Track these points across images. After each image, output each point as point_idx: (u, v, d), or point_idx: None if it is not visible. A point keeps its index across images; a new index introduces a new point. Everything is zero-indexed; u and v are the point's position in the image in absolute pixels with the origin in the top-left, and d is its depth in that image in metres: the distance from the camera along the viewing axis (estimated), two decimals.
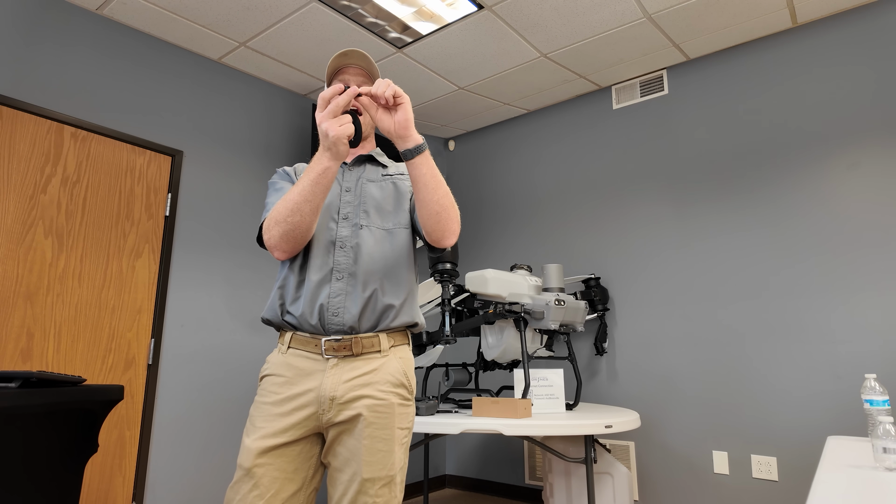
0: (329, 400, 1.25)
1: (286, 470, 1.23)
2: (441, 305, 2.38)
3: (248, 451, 1.23)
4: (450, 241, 1.32)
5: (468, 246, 4.13)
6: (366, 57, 1.40)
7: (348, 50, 1.39)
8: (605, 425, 2.15)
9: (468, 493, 3.73)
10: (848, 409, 2.54)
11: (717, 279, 2.97)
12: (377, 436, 1.24)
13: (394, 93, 1.18)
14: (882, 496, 1.00)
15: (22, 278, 2.28)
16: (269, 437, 1.23)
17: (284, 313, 1.31)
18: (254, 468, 1.21)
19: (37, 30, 2.44)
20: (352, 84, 1.40)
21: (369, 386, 1.26)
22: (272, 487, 1.21)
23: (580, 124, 3.67)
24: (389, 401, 1.28)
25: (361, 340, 1.29)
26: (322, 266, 1.31)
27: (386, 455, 1.24)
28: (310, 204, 1.23)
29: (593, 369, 3.33)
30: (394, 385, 1.30)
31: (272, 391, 1.27)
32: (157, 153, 2.78)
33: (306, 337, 1.29)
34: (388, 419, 1.27)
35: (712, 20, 2.85)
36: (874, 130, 2.65)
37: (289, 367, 1.28)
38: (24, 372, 1.43)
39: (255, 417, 1.26)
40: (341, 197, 1.39)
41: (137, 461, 2.52)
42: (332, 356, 1.27)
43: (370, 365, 1.29)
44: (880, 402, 1.36)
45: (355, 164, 1.46)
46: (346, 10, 2.68)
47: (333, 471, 1.26)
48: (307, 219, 1.24)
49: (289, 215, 1.24)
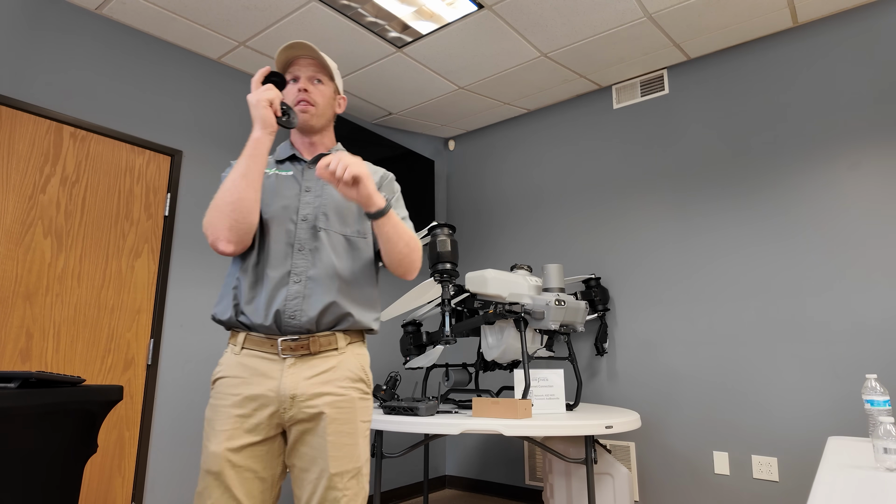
0: (290, 398, 1.24)
1: (255, 469, 1.23)
2: (441, 305, 2.38)
3: (214, 455, 1.21)
4: (411, 277, 1.39)
5: (468, 246, 4.13)
6: (313, 48, 1.38)
7: (295, 42, 1.36)
8: (605, 426, 2.15)
9: (468, 494, 3.73)
10: (848, 409, 2.53)
11: (718, 279, 2.97)
12: (342, 430, 1.25)
13: (351, 175, 1.17)
14: (883, 496, 1.00)
15: (21, 278, 2.28)
16: (235, 439, 1.22)
17: (239, 314, 1.29)
18: (223, 472, 1.20)
19: (36, 29, 2.43)
20: (302, 76, 1.39)
21: (329, 383, 1.27)
22: (243, 488, 1.21)
23: (580, 124, 3.67)
24: (350, 395, 1.29)
25: (319, 339, 1.28)
26: (279, 267, 1.30)
27: (352, 448, 1.26)
28: (246, 179, 1.23)
29: (593, 369, 3.33)
30: (353, 380, 1.31)
31: (229, 393, 1.26)
32: (157, 153, 2.78)
33: (261, 337, 1.28)
34: (350, 413, 1.28)
35: (713, 20, 2.85)
36: (875, 130, 2.65)
37: (244, 367, 1.27)
38: (24, 372, 1.42)
39: (215, 421, 1.24)
40: (301, 197, 1.36)
41: (137, 461, 2.52)
42: (289, 356, 1.27)
43: (328, 363, 1.29)
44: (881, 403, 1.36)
45: (315, 161, 1.42)
46: (345, 10, 2.67)
47: (299, 471, 1.25)
48: (245, 194, 1.23)
49: (226, 195, 1.23)
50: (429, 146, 4.35)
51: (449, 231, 2.38)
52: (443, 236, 2.33)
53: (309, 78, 1.39)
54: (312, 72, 1.40)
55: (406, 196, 3.87)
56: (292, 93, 1.39)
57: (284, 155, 1.43)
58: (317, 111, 1.39)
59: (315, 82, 1.40)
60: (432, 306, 2.84)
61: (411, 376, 3.87)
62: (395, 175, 3.82)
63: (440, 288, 2.56)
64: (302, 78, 1.39)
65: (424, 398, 2.42)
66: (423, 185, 4.04)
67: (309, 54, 1.39)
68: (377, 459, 2.31)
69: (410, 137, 4.22)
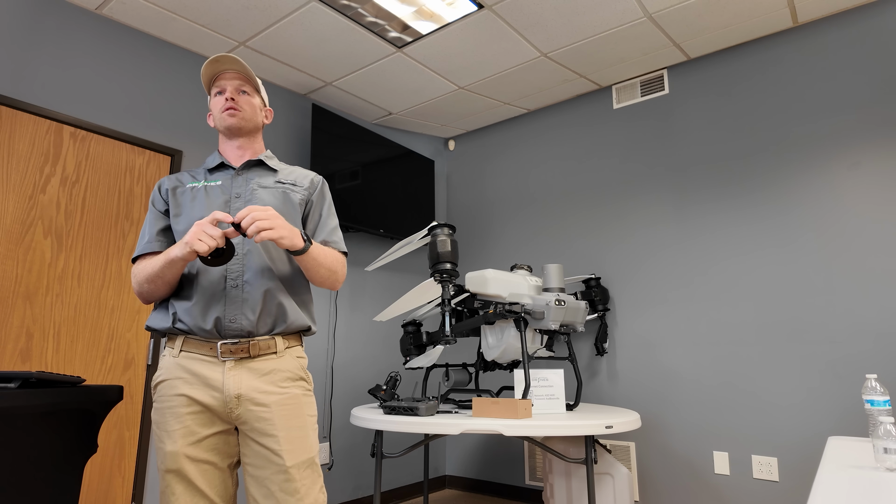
0: (235, 398, 1.28)
1: (213, 461, 1.28)
2: (441, 305, 2.38)
3: (172, 455, 1.25)
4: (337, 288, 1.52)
5: (468, 246, 4.13)
6: (239, 61, 1.41)
7: (220, 56, 1.39)
8: (605, 426, 2.15)
9: (468, 494, 3.73)
10: (849, 409, 2.53)
11: (718, 279, 2.97)
12: (291, 425, 1.30)
13: (258, 231, 1.21)
14: (883, 497, 1.00)
15: (21, 278, 2.28)
16: (189, 436, 1.26)
17: (176, 321, 1.31)
18: (182, 468, 1.24)
19: (36, 29, 2.43)
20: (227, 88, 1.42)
21: (272, 384, 1.31)
22: (203, 479, 1.26)
23: (580, 124, 3.67)
24: (293, 392, 1.34)
25: (259, 343, 1.32)
26: (214, 274, 1.32)
27: (303, 440, 1.31)
28: (162, 280, 1.29)
29: (594, 369, 3.33)
30: (293, 380, 1.35)
31: (173, 394, 1.29)
32: (157, 153, 2.78)
33: (199, 340, 1.31)
34: (296, 409, 1.33)
35: (713, 20, 2.85)
36: (875, 130, 2.65)
37: (184, 369, 1.30)
38: (24, 372, 1.42)
39: (165, 423, 1.28)
40: (231, 204, 1.39)
41: (137, 461, 2.52)
42: (228, 358, 1.30)
43: (268, 365, 1.33)
44: (881, 403, 1.36)
45: (244, 168, 1.45)
46: (345, 10, 2.67)
47: (254, 469, 1.29)
48: (161, 290, 1.31)
49: (144, 282, 1.31)
50: (429, 146, 4.35)
51: (449, 231, 2.38)
52: (443, 236, 2.33)
53: (235, 89, 1.43)
54: (238, 84, 1.44)
55: (406, 196, 3.87)
56: (219, 103, 1.43)
57: (213, 163, 1.46)
58: (244, 115, 1.42)
59: (241, 93, 1.44)
60: (432, 306, 2.84)
61: (411, 376, 3.87)
62: (395, 175, 3.82)
63: (440, 288, 2.56)
64: (228, 89, 1.42)
65: (424, 398, 2.42)
66: (423, 185, 4.04)
67: (235, 68, 1.43)
68: (377, 459, 2.31)
69: (410, 137, 4.22)
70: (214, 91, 1.44)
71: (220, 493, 1.29)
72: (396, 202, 3.79)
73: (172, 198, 1.41)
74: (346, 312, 3.52)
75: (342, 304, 3.51)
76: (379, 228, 3.61)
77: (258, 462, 1.28)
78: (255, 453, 1.29)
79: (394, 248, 2.64)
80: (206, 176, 1.44)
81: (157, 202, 1.42)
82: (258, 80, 1.49)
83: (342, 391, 3.42)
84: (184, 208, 1.39)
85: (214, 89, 1.44)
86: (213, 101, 1.45)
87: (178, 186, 1.42)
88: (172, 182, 1.43)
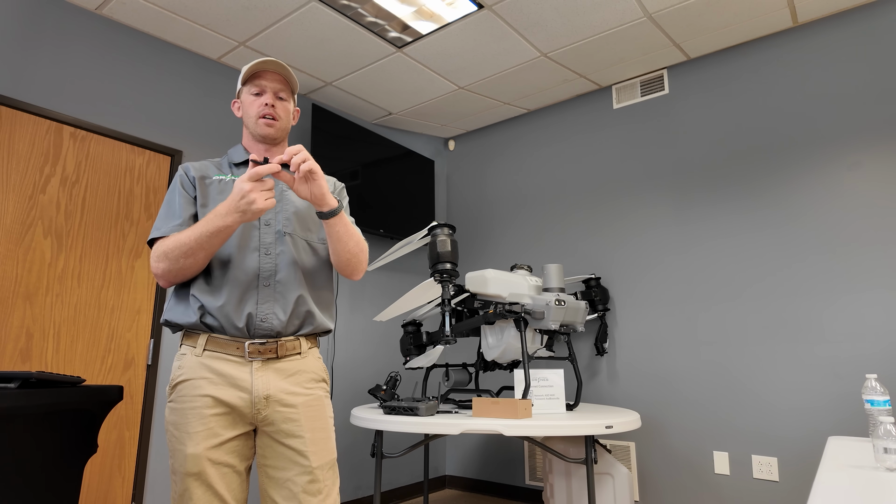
0: (263, 399, 1.28)
1: (232, 464, 1.27)
2: (441, 305, 2.38)
3: (193, 457, 1.22)
4: (358, 277, 1.45)
5: (468, 246, 4.13)
6: (284, 67, 1.41)
7: (267, 59, 1.39)
8: (605, 426, 2.15)
9: (468, 494, 3.73)
10: (849, 409, 2.53)
11: (718, 279, 2.96)
12: (316, 426, 1.32)
13: (308, 169, 1.21)
14: (883, 496, 1.00)
15: (21, 278, 2.28)
16: (213, 438, 1.24)
17: (205, 316, 1.29)
18: (204, 471, 1.22)
19: (36, 29, 2.43)
20: (268, 90, 1.41)
21: (298, 385, 1.33)
22: (223, 483, 1.25)
23: (580, 124, 3.67)
24: (318, 394, 1.36)
25: (286, 343, 1.33)
26: (247, 271, 1.31)
27: (326, 441, 1.33)
28: (205, 252, 1.24)
29: (594, 369, 3.33)
30: (317, 381, 1.38)
31: (198, 395, 1.26)
32: (157, 153, 2.78)
33: (226, 339, 1.29)
34: (320, 410, 1.35)
35: (713, 19, 2.85)
36: (875, 130, 2.65)
37: (209, 369, 1.28)
38: (24, 372, 1.42)
39: (187, 424, 1.25)
40: None
41: (137, 461, 2.52)
42: (256, 358, 1.29)
43: (294, 366, 1.34)
44: (881, 403, 1.36)
45: None
46: (345, 10, 2.67)
47: (274, 471, 1.29)
48: (199, 263, 1.26)
49: (181, 257, 1.24)
50: (429, 146, 4.35)
51: (449, 231, 2.38)
52: (443, 236, 2.33)
53: (274, 92, 1.42)
54: (278, 88, 1.43)
55: (406, 196, 3.87)
56: (256, 105, 1.41)
57: (239, 159, 1.45)
58: (280, 125, 1.42)
59: (279, 98, 1.44)
60: (432, 306, 2.84)
61: (411, 376, 3.87)
62: (395, 175, 3.82)
63: (440, 288, 2.56)
64: (268, 92, 1.41)
65: (424, 398, 2.42)
66: (423, 185, 4.04)
67: (279, 71, 1.42)
68: (377, 459, 2.31)
69: (410, 137, 4.22)
70: (252, 89, 1.42)
71: (238, 497, 1.27)
72: (396, 202, 3.79)
73: (200, 186, 1.38)
74: (345, 312, 3.52)
75: (342, 304, 3.51)
76: (379, 228, 3.61)
77: (280, 463, 1.28)
78: (279, 455, 1.28)
79: (394, 248, 2.64)
80: (232, 170, 1.44)
81: (187, 186, 1.38)
82: (297, 85, 1.47)
83: (342, 391, 3.42)
84: (210, 199, 1.37)
85: (252, 87, 1.42)
86: (248, 99, 1.42)
87: (204, 176, 1.41)
88: (199, 170, 1.41)
